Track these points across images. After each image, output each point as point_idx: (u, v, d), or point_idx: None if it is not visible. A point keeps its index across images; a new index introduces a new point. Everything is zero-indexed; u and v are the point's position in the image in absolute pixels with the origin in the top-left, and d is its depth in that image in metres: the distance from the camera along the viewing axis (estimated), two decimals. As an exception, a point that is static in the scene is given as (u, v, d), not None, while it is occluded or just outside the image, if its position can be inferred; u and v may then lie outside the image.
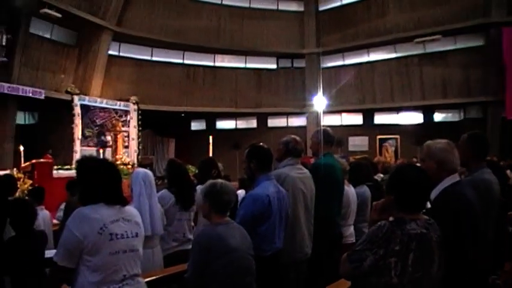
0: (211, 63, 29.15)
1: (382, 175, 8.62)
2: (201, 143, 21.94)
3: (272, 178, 4.60)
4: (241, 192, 8.89)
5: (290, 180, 4.87)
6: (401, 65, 26.11)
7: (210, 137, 18.28)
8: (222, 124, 30.62)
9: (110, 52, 25.51)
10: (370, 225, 3.19)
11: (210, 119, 30.24)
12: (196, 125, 31.10)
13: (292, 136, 5.22)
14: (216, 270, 3.64)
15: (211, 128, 29.78)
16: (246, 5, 28.97)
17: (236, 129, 30.19)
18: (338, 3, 28.22)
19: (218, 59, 29.29)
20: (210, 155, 17.72)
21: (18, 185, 13.68)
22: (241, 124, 30.37)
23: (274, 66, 29.84)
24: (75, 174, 3.62)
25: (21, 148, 17.87)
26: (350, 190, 6.23)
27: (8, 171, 13.97)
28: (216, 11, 28.38)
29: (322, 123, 26.41)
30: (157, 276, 4.62)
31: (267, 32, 28.52)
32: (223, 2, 28.58)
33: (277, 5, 29.26)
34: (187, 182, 5.82)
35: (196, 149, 23.65)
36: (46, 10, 20.46)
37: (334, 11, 28.30)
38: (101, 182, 3.31)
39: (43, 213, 7.30)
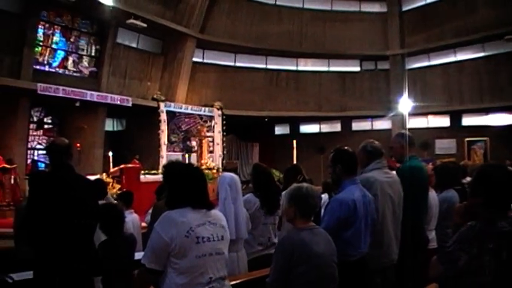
0: (294, 68, 29.14)
1: (469, 179, 8.26)
2: (285, 147, 21.95)
3: (358, 182, 4.52)
4: (324, 197, 8.80)
5: (378, 185, 4.77)
6: (491, 64, 24.93)
7: (294, 141, 18.25)
8: (306, 128, 30.44)
9: (194, 59, 26.07)
10: (454, 229, 3.14)
11: (294, 123, 30.14)
12: (280, 130, 31.10)
13: (366, 140, 5.14)
14: (298, 276, 3.59)
15: (295, 132, 29.68)
16: (328, 8, 28.74)
17: (320, 133, 29.88)
18: (422, 2, 27.27)
19: (301, 63, 29.23)
20: (294, 159, 17.69)
21: (108, 190, 14.26)
22: (325, 128, 30.07)
23: (357, 68, 29.42)
24: (161, 179, 3.70)
25: (110, 154, 18.44)
26: (431, 194, 6.00)
27: (98, 176, 14.44)
28: (297, 15, 28.35)
29: (407, 126, 25.74)
30: (242, 280, 4.61)
31: (350, 35, 28.14)
32: (305, 6, 28.52)
33: (360, 7, 28.82)
34: (272, 186, 5.81)
35: (280, 153, 23.66)
36: (132, 20, 21.15)
37: (419, 10, 27.43)
38: (187, 187, 3.37)
39: (132, 217, 7.50)
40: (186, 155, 22.29)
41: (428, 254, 5.38)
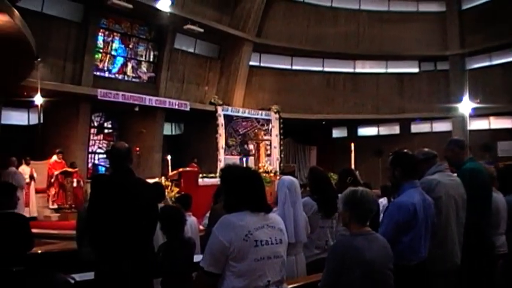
0: (351, 70, 28.94)
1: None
2: (342, 150, 21.73)
3: (417, 186, 4.42)
4: (383, 200, 8.68)
5: (442, 187, 4.69)
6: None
7: (352, 144, 18.07)
8: (364, 131, 30.14)
9: (251, 63, 26.28)
10: None
11: (352, 125, 29.88)
12: (337, 132, 30.89)
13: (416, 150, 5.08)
14: (349, 282, 3.55)
15: (352, 135, 29.38)
16: (385, 8, 28.42)
17: (378, 136, 29.53)
18: (482, 0, 26.51)
19: (358, 65, 29.00)
20: (352, 162, 17.49)
21: (166, 193, 14.43)
22: (384, 130, 29.68)
23: (416, 70, 28.92)
24: (219, 182, 3.73)
25: (169, 157, 18.69)
26: (498, 197, 5.76)
27: (156, 179, 14.65)
28: (354, 16, 28.17)
29: (468, 128, 25.15)
30: (300, 283, 4.60)
31: (408, 35, 27.67)
32: (362, 7, 28.30)
33: (417, 7, 28.34)
34: (330, 190, 5.74)
35: (337, 156, 23.41)
36: (189, 26, 21.52)
37: (479, 8, 26.58)
38: (245, 190, 3.35)
39: (190, 220, 7.56)
40: (244, 159, 22.42)
41: (497, 259, 5.34)
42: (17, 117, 19.83)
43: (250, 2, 24.77)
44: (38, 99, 16.71)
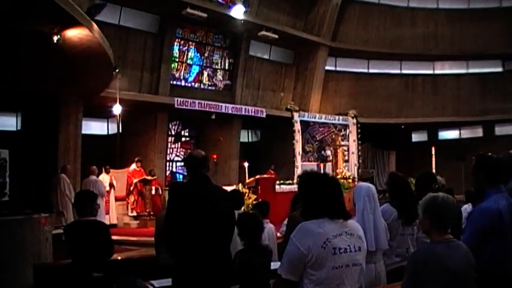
0: (430, 71, 28.33)
1: None
2: (423, 155, 21.34)
3: (503, 191, 4.27)
4: (467, 207, 8.44)
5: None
6: None
7: (433, 149, 17.69)
8: (445, 134, 29.37)
9: (327, 67, 26.19)
10: None
11: (432, 129, 29.18)
12: (417, 137, 30.30)
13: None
14: (430, 290, 3.43)
15: (433, 138, 28.77)
16: (465, 6, 27.58)
17: (460, 139, 28.72)
18: None
19: (438, 66, 28.36)
20: (433, 167, 17.14)
21: (244, 200, 14.54)
22: (466, 133, 28.83)
23: (499, 69, 27.94)
24: (297, 189, 3.73)
25: (246, 164, 18.93)
26: None
27: (234, 187, 14.79)
28: (432, 16, 27.57)
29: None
30: (380, 291, 4.52)
31: (490, 33, 26.62)
32: (440, 6, 27.66)
33: (500, 3, 27.28)
34: (410, 196, 5.60)
35: (418, 161, 22.92)
36: (264, 32, 21.71)
37: None
38: (323, 197, 3.36)
39: (268, 227, 7.55)
40: (321, 165, 22.34)
41: None
42: (97, 127, 20.52)
43: (325, 5, 24.71)
44: (117, 109, 17.17)
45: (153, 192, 17.70)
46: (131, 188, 17.48)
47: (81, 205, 5.64)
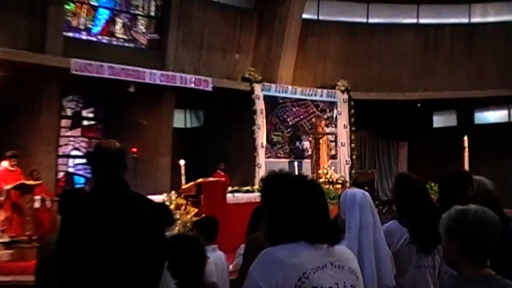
0: (464, 20, 28.34)
1: None
2: (449, 146, 21.58)
3: None
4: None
5: None
6: None
7: (465, 138, 17.87)
8: (485, 116, 29.69)
9: (305, 15, 26.29)
10: None
11: (465, 109, 29.42)
12: (441, 120, 30.59)
13: None
14: None
15: (466, 123, 28.98)
16: None
17: (509, 124, 28.73)
18: None
19: (477, 11, 28.20)
20: (465, 164, 17.29)
21: (178, 215, 14.45)
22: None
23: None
24: (259, 199, 3.66)
25: (182, 162, 18.48)
26: None
27: (164, 196, 14.74)
28: None
29: None
30: None
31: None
32: None
33: None
34: (429, 209, 5.65)
35: (442, 156, 23.13)
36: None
37: None
38: (299, 210, 3.34)
39: (216, 256, 7.61)
40: (296, 163, 22.44)
41: None
42: None
43: None
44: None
45: (37, 205, 17.12)
46: (1, 199, 17.09)
47: None
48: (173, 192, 17.07)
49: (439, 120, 30.69)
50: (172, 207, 14.98)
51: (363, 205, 5.10)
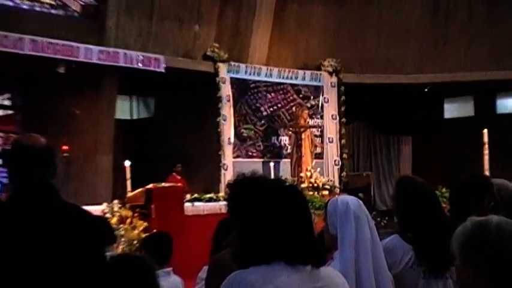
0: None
1: None
2: (465, 142, 21.66)
3: None
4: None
5: None
6: None
7: (485, 131, 17.96)
8: (510, 104, 30.06)
9: (282, -23, 26.17)
10: None
11: (485, 95, 29.64)
12: (454, 109, 30.80)
13: None
14: None
15: (486, 112, 29.24)
16: None
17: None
18: None
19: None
20: (485, 164, 17.36)
21: (122, 231, 14.57)
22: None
23: None
24: (225, 210, 3.71)
25: (127, 163, 18.47)
26: None
27: (103, 207, 14.90)
28: None
29: None
30: None
31: None
32: None
33: None
34: (439, 221, 5.62)
35: (455, 155, 23.34)
36: None
37: None
38: (275, 224, 3.35)
39: (171, 281, 7.60)
40: (272, 163, 22.46)
41: None
42: None
43: None
44: None
45: None
46: None
47: None
48: (116, 201, 17.04)
49: (452, 109, 30.91)
50: (114, 220, 15.04)
51: (359, 215, 5.02)
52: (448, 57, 27.51)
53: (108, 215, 14.82)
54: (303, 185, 19.50)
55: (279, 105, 24.26)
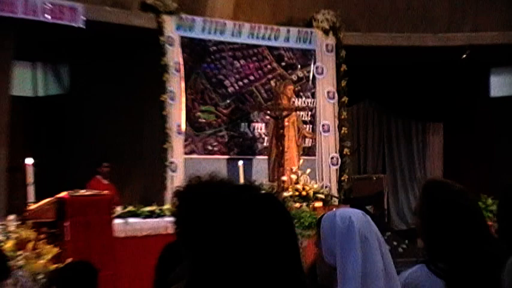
0: None
1: None
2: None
3: None
4: None
5: None
6: None
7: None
8: None
9: None
10: None
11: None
12: (504, 84, 30.84)
13: None
14: None
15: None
16: None
17: None
18: None
19: None
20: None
21: (21, 261, 14.41)
22: None
23: None
24: (173, 230, 3.82)
25: (30, 161, 18.14)
26: None
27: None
28: None
29: None
30: None
31: None
32: None
33: None
34: (483, 246, 5.53)
35: (505, 149, 23.05)
36: None
37: None
38: (245, 250, 3.27)
39: None
40: (240, 162, 21.94)
41: None
42: None
43: None
44: None
45: None
46: None
47: None
48: (12, 216, 16.69)
49: (501, 85, 30.98)
50: (9, 245, 14.79)
51: (367, 236, 4.81)
52: (494, 10, 27.19)
53: (-1, 238, 14.22)
54: (285, 194, 19.05)
55: (252, 77, 23.94)
